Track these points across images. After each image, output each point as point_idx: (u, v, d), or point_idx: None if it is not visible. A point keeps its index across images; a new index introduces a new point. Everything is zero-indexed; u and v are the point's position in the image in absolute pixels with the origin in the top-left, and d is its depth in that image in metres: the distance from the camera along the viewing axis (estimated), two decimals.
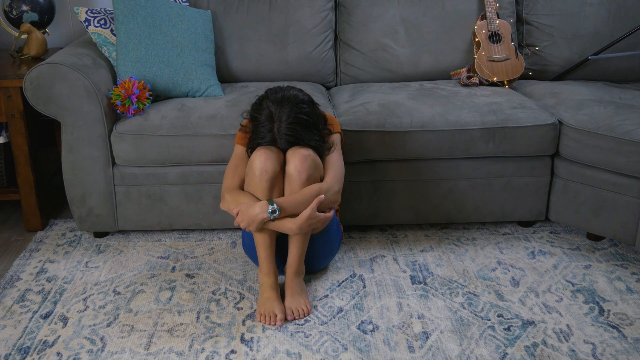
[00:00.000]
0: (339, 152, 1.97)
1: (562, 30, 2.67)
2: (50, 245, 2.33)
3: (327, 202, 1.87)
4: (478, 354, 1.73)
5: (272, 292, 1.90)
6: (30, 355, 1.73)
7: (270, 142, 1.86)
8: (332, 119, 2.02)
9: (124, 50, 2.29)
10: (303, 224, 1.83)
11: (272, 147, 1.88)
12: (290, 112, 1.82)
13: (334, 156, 1.95)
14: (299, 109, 1.83)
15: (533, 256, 2.23)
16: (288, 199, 1.84)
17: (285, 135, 1.84)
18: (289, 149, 1.87)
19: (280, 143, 1.85)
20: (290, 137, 1.84)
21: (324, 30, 2.66)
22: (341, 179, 1.93)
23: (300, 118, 1.83)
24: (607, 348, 1.75)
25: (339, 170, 1.94)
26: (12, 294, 2.02)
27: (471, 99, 2.35)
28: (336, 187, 1.90)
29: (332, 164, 1.93)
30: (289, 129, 1.83)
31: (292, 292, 1.91)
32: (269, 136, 1.85)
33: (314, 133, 1.88)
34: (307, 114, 1.85)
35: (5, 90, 2.27)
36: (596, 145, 2.13)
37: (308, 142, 1.86)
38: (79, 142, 2.18)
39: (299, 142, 1.85)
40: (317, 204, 1.82)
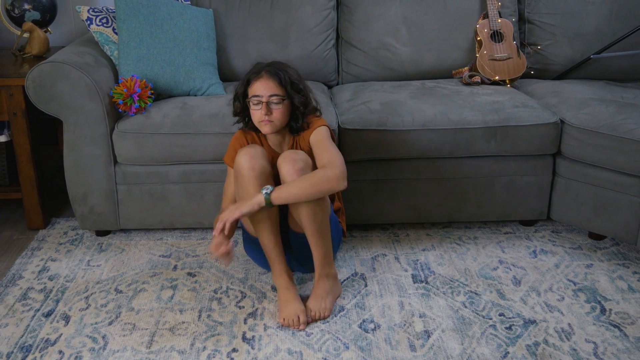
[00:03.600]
0: (331, 140, 1.88)
1: (564, 29, 2.66)
2: (52, 243, 2.34)
3: (330, 186, 1.75)
4: (479, 352, 1.73)
5: (288, 294, 1.88)
6: (32, 354, 1.73)
7: (256, 72, 1.86)
8: (322, 119, 1.97)
9: (126, 49, 2.29)
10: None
11: (257, 146, 1.89)
12: (277, 61, 1.91)
13: (326, 142, 1.85)
14: (287, 64, 1.92)
15: (535, 255, 2.23)
16: (284, 187, 1.76)
17: (268, 66, 1.86)
18: (280, 155, 1.84)
19: (267, 70, 1.85)
20: (274, 67, 1.86)
21: (326, 29, 2.66)
22: (340, 162, 1.79)
23: (285, 65, 1.91)
24: (609, 347, 1.75)
25: (335, 152, 1.82)
26: (14, 292, 2.02)
27: (473, 97, 2.35)
28: (336, 170, 1.76)
29: (326, 149, 1.83)
30: (273, 63, 1.88)
31: (316, 295, 1.88)
32: (256, 69, 1.86)
33: (299, 80, 1.89)
34: (293, 70, 1.90)
35: (7, 89, 2.28)
36: (598, 145, 2.13)
37: (291, 76, 1.86)
38: (80, 140, 2.18)
39: (282, 73, 1.85)
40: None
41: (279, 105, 1.84)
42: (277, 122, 1.87)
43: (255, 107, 1.86)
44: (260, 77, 1.85)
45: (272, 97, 1.84)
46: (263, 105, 1.83)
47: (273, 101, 1.84)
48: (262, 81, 1.84)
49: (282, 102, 1.85)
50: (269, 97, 1.84)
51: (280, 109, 1.85)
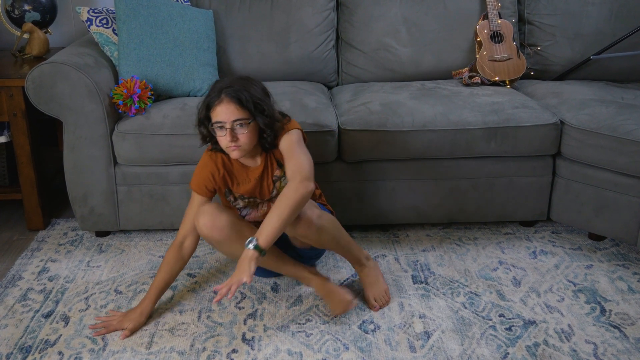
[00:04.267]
0: (300, 144, 1.80)
1: (564, 30, 2.66)
2: (52, 244, 2.34)
3: (302, 197, 1.67)
4: (479, 353, 1.73)
5: (332, 287, 1.90)
6: (32, 355, 1.73)
7: (216, 95, 1.72)
8: (292, 122, 1.87)
9: (126, 50, 2.29)
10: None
11: (215, 203, 1.82)
12: (237, 78, 1.79)
13: (293, 148, 1.78)
14: (248, 80, 1.79)
15: (534, 256, 2.23)
16: (265, 229, 1.67)
17: (228, 87, 1.72)
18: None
19: (227, 92, 1.71)
20: (234, 87, 1.71)
21: (326, 29, 2.66)
22: (305, 166, 1.72)
23: (247, 82, 1.77)
24: (609, 348, 1.75)
25: (301, 158, 1.74)
26: (14, 293, 2.02)
27: (473, 98, 2.35)
28: (299, 178, 1.69)
29: (292, 155, 1.75)
30: (233, 82, 1.75)
31: (368, 284, 1.94)
32: (216, 92, 1.73)
33: (263, 98, 1.76)
34: (257, 86, 1.78)
35: (7, 90, 2.28)
36: (598, 145, 2.13)
37: (253, 96, 1.72)
38: (80, 141, 2.18)
39: (243, 94, 1.71)
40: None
41: (244, 130, 1.72)
42: (245, 146, 1.75)
43: (220, 134, 1.74)
44: (221, 102, 1.71)
45: (236, 123, 1.71)
46: (227, 131, 1.71)
47: (237, 126, 1.72)
48: (222, 106, 1.71)
49: (247, 125, 1.72)
50: (232, 123, 1.71)
51: (246, 132, 1.72)
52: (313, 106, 2.28)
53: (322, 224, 1.80)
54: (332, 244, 1.89)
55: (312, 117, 2.21)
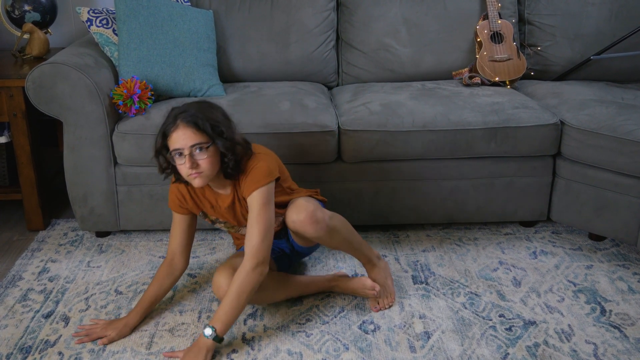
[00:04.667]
0: (266, 207, 1.71)
1: (564, 30, 2.66)
2: (52, 244, 2.34)
3: (256, 284, 1.68)
4: (479, 354, 1.73)
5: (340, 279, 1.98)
6: (32, 355, 1.73)
7: (172, 121, 1.65)
8: (261, 168, 1.72)
9: (126, 50, 2.29)
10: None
11: (232, 262, 1.79)
12: (194, 103, 1.72)
13: (255, 217, 1.70)
14: (205, 103, 1.73)
15: (535, 256, 2.23)
16: (222, 317, 1.67)
17: (184, 112, 1.65)
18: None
19: (182, 117, 1.64)
20: (189, 112, 1.64)
21: (326, 30, 2.66)
22: (262, 247, 1.69)
23: (204, 106, 1.70)
24: (609, 348, 1.75)
25: (260, 234, 1.69)
26: (14, 293, 2.02)
27: (473, 99, 2.35)
28: (253, 263, 1.68)
29: (253, 224, 1.70)
30: (189, 107, 1.67)
31: (379, 284, 1.94)
32: (171, 119, 1.66)
33: (221, 121, 1.68)
34: (216, 110, 1.71)
35: (7, 90, 2.28)
36: (598, 146, 2.13)
37: (210, 119, 1.65)
38: (80, 141, 2.18)
39: (199, 118, 1.64)
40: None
41: (203, 155, 1.64)
42: (207, 172, 1.67)
43: (179, 162, 1.66)
44: (177, 128, 1.63)
45: (194, 148, 1.64)
46: (186, 158, 1.64)
47: (196, 152, 1.64)
48: (179, 132, 1.63)
49: (206, 149, 1.64)
50: (191, 148, 1.63)
51: (206, 157, 1.65)
52: (313, 106, 2.28)
53: (334, 225, 1.81)
54: (344, 245, 1.90)
55: (312, 117, 2.21)
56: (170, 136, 1.66)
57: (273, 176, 1.74)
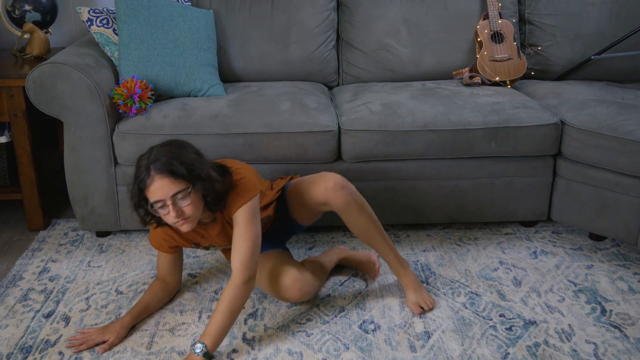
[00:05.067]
0: (252, 222, 1.69)
1: (565, 30, 2.66)
2: (52, 244, 2.34)
3: (244, 299, 1.68)
4: (480, 353, 1.73)
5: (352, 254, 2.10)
6: (32, 355, 1.73)
7: (145, 173, 1.59)
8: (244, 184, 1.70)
9: (126, 50, 2.29)
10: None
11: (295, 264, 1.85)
12: (162, 144, 1.66)
13: (241, 231, 1.68)
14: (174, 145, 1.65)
15: (535, 256, 2.23)
16: (213, 333, 1.65)
17: (156, 161, 1.58)
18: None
19: (156, 168, 1.58)
20: (161, 159, 1.58)
21: (326, 30, 2.66)
22: (248, 262, 1.67)
23: (174, 147, 1.64)
24: (609, 348, 1.75)
25: (246, 249, 1.67)
26: (15, 293, 2.02)
27: (473, 98, 2.35)
28: (241, 278, 1.66)
29: (239, 238, 1.68)
30: (159, 154, 1.60)
31: (411, 289, 1.94)
32: (144, 170, 1.59)
33: (195, 162, 1.63)
34: (185, 148, 1.66)
35: (8, 90, 2.28)
36: (598, 145, 2.13)
37: (185, 163, 1.59)
38: (81, 141, 2.18)
39: (174, 164, 1.58)
40: None
41: (186, 201, 1.60)
42: (194, 216, 1.64)
43: (163, 212, 1.62)
44: (152, 180, 1.57)
45: (175, 197, 1.59)
46: (170, 208, 1.59)
47: (178, 200, 1.60)
48: (155, 184, 1.57)
49: (188, 196, 1.60)
50: (172, 198, 1.59)
51: (190, 203, 1.61)
52: (313, 106, 2.28)
53: (360, 197, 1.85)
54: (372, 229, 1.88)
55: (313, 117, 2.21)
56: (147, 189, 1.59)
57: (257, 189, 1.72)
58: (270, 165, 2.23)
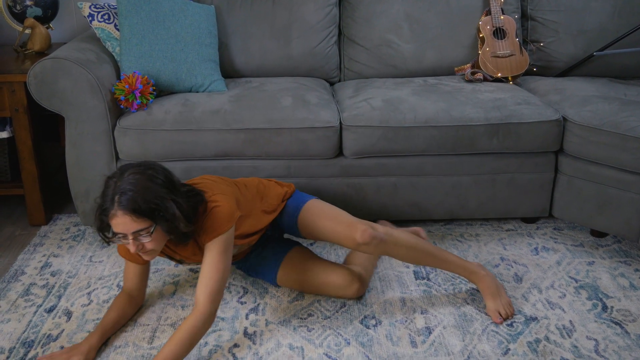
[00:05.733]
0: (224, 256, 1.65)
1: (567, 26, 2.66)
2: (54, 239, 2.34)
3: (204, 333, 1.63)
4: (480, 349, 1.73)
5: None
6: (34, 349, 1.74)
7: (110, 204, 1.53)
8: (220, 213, 1.64)
9: (128, 45, 2.29)
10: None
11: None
12: (134, 172, 1.57)
13: (210, 264, 1.63)
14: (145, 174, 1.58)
15: (536, 252, 2.23)
16: (169, 357, 1.57)
17: (121, 193, 1.52)
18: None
19: (120, 203, 1.52)
20: (127, 192, 1.52)
21: (328, 25, 2.66)
22: (213, 295, 1.62)
23: (142, 176, 1.56)
24: (610, 344, 1.75)
25: (213, 281, 1.62)
26: (17, 288, 2.03)
27: (475, 94, 2.34)
28: (203, 310, 1.61)
29: (207, 270, 1.63)
30: (124, 184, 1.53)
31: (489, 295, 1.88)
32: (109, 199, 1.54)
33: (161, 200, 1.55)
34: (156, 178, 1.58)
35: (9, 85, 2.28)
36: (600, 142, 2.12)
37: (149, 199, 1.52)
38: (82, 137, 2.18)
39: (138, 201, 1.51)
40: None
41: (147, 238, 1.57)
42: (157, 248, 1.61)
43: (124, 242, 1.59)
44: (115, 215, 1.53)
45: (137, 234, 1.56)
46: (130, 242, 1.57)
47: (140, 237, 1.57)
48: (118, 219, 1.53)
49: (149, 234, 1.56)
50: (133, 234, 1.55)
51: (151, 240, 1.58)
52: (315, 102, 2.28)
53: (396, 238, 1.81)
54: (419, 256, 1.86)
55: (314, 113, 2.21)
56: (110, 219, 1.56)
57: (233, 220, 1.67)
58: (271, 160, 2.23)
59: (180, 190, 1.62)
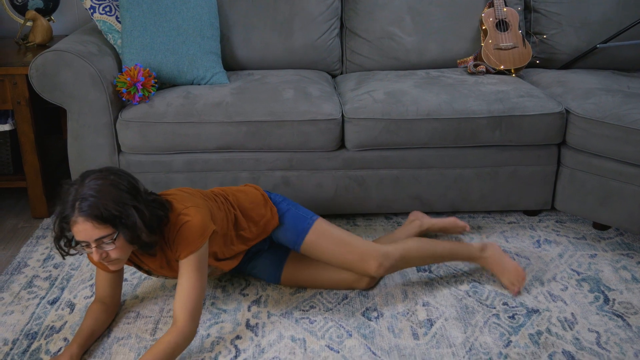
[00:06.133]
0: (199, 271, 1.61)
1: (570, 18, 2.64)
2: None
3: (184, 348, 1.58)
4: (482, 341, 1.73)
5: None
6: (38, 341, 1.74)
7: (70, 210, 1.48)
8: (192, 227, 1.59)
9: (129, 38, 2.29)
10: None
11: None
12: (95, 177, 1.53)
13: (186, 279, 1.60)
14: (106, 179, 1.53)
15: (538, 245, 2.23)
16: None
17: (81, 199, 1.47)
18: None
19: (81, 209, 1.47)
20: (88, 198, 1.47)
21: (330, 17, 2.65)
22: (191, 310, 1.59)
23: (108, 181, 1.51)
24: (612, 337, 1.75)
25: (190, 295, 1.59)
26: (20, 280, 2.04)
27: (478, 87, 2.34)
28: (182, 328, 1.57)
29: (183, 285, 1.59)
30: (84, 190, 1.49)
31: (499, 269, 1.96)
32: (69, 205, 1.49)
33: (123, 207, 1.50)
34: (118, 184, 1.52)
35: (11, 78, 2.28)
36: (603, 135, 2.12)
37: (111, 206, 1.48)
38: (84, 129, 2.18)
39: (99, 208, 1.47)
40: None
41: (111, 246, 1.52)
42: (122, 257, 1.57)
43: (87, 250, 1.55)
44: (76, 221, 1.47)
45: (99, 241, 1.51)
46: (93, 250, 1.51)
47: (102, 244, 1.52)
48: (79, 226, 1.48)
49: (112, 241, 1.52)
50: (95, 242, 1.51)
51: (114, 248, 1.53)
52: (317, 95, 2.28)
53: (407, 257, 1.89)
54: (432, 259, 1.97)
55: (316, 105, 2.20)
56: (71, 227, 1.51)
57: (207, 234, 1.62)
58: (273, 153, 2.23)
59: (144, 198, 1.57)
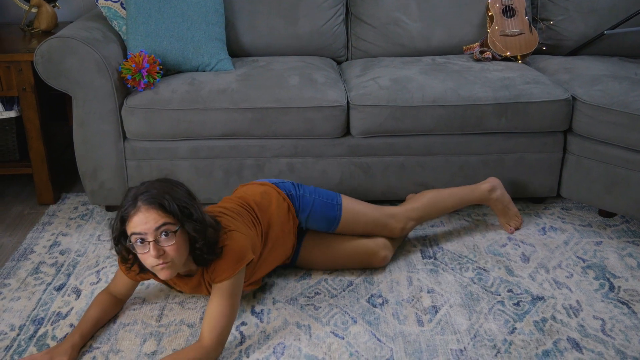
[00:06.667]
0: (232, 296, 1.56)
1: (578, 4, 2.62)
2: (62, 218, 2.35)
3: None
4: (487, 328, 1.73)
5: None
6: (44, 326, 1.76)
7: (131, 203, 1.46)
8: (234, 251, 1.56)
9: (134, 24, 2.28)
10: None
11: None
12: (155, 182, 1.52)
13: (217, 301, 1.55)
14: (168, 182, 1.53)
15: (544, 232, 2.23)
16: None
17: (145, 192, 1.46)
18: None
19: (144, 198, 1.45)
20: (151, 192, 1.46)
21: (335, 3, 2.63)
22: (219, 332, 1.54)
23: (166, 184, 1.51)
24: (617, 324, 1.75)
25: (219, 318, 1.53)
26: (26, 266, 2.05)
27: (484, 74, 2.32)
28: (218, 350, 1.54)
29: (213, 308, 1.54)
30: (150, 187, 1.48)
31: (500, 211, 2.17)
32: (130, 200, 1.47)
33: (188, 201, 1.50)
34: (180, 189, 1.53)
35: (16, 64, 2.28)
36: (610, 122, 2.10)
37: (177, 200, 1.47)
38: (90, 116, 2.18)
39: (165, 197, 1.45)
40: None
41: (170, 240, 1.45)
42: (177, 261, 1.49)
43: (141, 250, 1.46)
44: (137, 210, 1.43)
45: (159, 231, 1.44)
46: (150, 245, 1.44)
47: (162, 236, 1.45)
48: (140, 215, 1.42)
49: (173, 234, 1.45)
50: (155, 233, 1.43)
51: (174, 244, 1.46)
52: (322, 81, 2.27)
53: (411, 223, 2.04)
54: (444, 211, 2.12)
55: (321, 92, 2.20)
56: (130, 220, 1.45)
57: (246, 260, 1.58)
58: (278, 140, 2.22)
59: (200, 207, 1.54)
